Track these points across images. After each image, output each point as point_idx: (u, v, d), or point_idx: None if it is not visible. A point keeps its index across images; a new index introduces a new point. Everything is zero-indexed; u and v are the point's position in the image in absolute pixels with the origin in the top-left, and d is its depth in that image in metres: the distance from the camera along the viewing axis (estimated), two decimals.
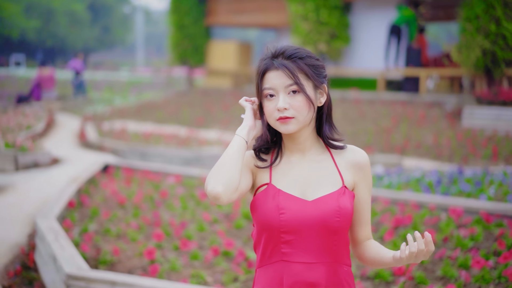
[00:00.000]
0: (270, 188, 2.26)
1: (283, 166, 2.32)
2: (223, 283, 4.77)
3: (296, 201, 2.22)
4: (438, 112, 15.96)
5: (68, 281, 4.32)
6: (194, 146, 12.96)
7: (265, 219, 2.21)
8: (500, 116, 14.28)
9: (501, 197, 7.09)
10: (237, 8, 24.02)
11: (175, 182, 8.15)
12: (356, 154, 2.35)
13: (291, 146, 2.33)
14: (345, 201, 2.23)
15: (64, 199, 6.67)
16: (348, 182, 2.30)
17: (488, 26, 15.61)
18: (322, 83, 2.29)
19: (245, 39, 49.53)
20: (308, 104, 2.22)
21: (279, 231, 2.20)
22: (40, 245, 5.52)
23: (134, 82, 35.05)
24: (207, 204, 7.00)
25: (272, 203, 2.22)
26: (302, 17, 19.68)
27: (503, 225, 5.75)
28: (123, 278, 4.31)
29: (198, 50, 24.61)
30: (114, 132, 15.02)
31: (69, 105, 22.58)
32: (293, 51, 2.25)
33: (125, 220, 6.40)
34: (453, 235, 5.57)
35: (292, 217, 2.20)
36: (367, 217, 2.37)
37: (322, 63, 2.31)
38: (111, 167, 9.10)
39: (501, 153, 11.55)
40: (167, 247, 5.61)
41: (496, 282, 4.53)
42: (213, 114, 18.11)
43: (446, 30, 54.28)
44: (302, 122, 2.24)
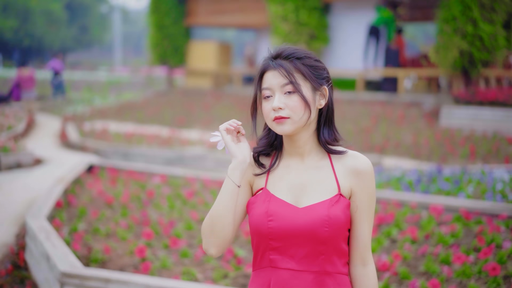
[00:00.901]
0: (264, 193, 2.25)
1: (281, 170, 2.30)
2: (214, 280, 4.90)
3: (286, 208, 2.19)
4: (416, 112, 16.19)
5: (63, 279, 4.42)
6: (176, 146, 13.05)
7: (255, 225, 2.20)
8: (477, 116, 14.54)
9: (479, 195, 7.29)
10: (217, 8, 24.13)
11: (161, 182, 8.26)
12: (356, 161, 2.25)
13: (290, 149, 2.30)
14: (337, 210, 2.16)
15: (52, 199, 6.75)
16: (345, 190, 2.23)
17: (465, 27, 15.88)
18: (321, 84, 2.23)
19: (223, 39, 49.60)
20: (304, 104, 2.18)
21: (267, 238, 2.18)
22: (31, 244, 5.60)
23: (112, 82, 34.97)
24: (194, 203, 7.12)
25: (262, 209, 2.20)
26: (282, 17, 19.84)
27: (482, 222, 5.93)
28: (117, 275, 4.42)
29: (178, 50, 24.68)
30: (96, 132, 15.05)
31: (49, 105, 22.51)
32: (291, 51, 2.23)
33: (113, 220, 6.50)
34: (434, 232, 5.74)
35: (280, 224, 2.16)
36: (363, 234, 2.25)
37: (322, 64, 2.26)
38: (96, 167, 9.17)
39: (478, 152, 11.79)
40: (157, 246, 5.73)
41: (477, 277, 4.71)
42: (194, 114, 18.20)
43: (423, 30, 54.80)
44: (298, 123, 2.19)
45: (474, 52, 15.97)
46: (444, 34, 16.41)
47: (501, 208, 6.23)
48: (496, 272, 4.59)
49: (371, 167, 2.25)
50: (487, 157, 11.47)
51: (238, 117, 16.85)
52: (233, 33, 64.14)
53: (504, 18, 16.15)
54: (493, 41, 15.98)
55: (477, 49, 15.97)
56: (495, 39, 15.99)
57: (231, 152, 2.24)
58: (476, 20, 15.81)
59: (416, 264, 5.07)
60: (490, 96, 15.11)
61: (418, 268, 4.99)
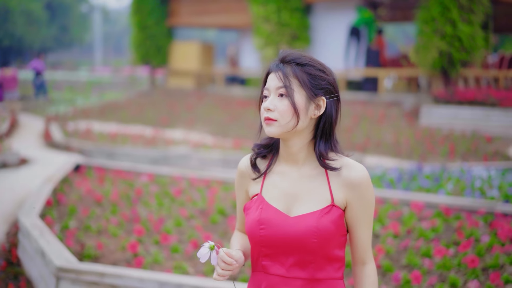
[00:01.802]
0: (258, 199, 2.28)
1: (276, 177, 2.30)
2: (204, 273, 5.08)
3: (277, 216, 2.21)
4: (397, 111, 16.44)
5: (59, 274, 4.57)
6: (160, 145, 13.18)
7: (249, 231, 2.24)
8: (456, 115, 14.81)
9: (458, 192, 7.51)
10: (199, 9, 24.27)
11: (148, 180, 8.41)
12: (351, 172, 2.21)
13: (285, 155, 2.29)
14: (327, 221, 2.16)
15: (42, 197, 6.88)
16: (338, 201, 2.21)
17: (444, 28, 16.17)
18: (317, 95, 2.20)
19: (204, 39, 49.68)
20: (292, 110, 2.16)
21: (259, 245, 2.22)
22: (24, 241, 5.74)
23: (94, 82, 34.96)
24: (182, 201, 7.28)
25: (255, 216, 2.23)
26: (264, 18, 20.03)
27: (462, 218, 6.15)
28: (112, 269, 4.58)
29: (160, 50, 24.81)
30: (79, 132, 15.12)
31: (31, 105, 22.53)
32: (295, 56, 2.23)
33: (104, 217, 6.65)
34: (415, 227, 5.95)
35: (271, 233, 2.19)
36: (361, 239, 2.27)
37: (326, 75, 2.23)
38: (83, 166, 9.30)
39: (458, 151, 12.04)
40: (148, 242, 5.89)
41: (457, 269, 4.92)
42: (177, 114, 18.33)
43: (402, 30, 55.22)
44: (284, 127, 2.17)
45: (453, 52, 16.27)
46: (423, 34, 16.69)
47: (480, 204, 6.46)
48: (475, 264, 4.81)
49: (366, 177, 2.22)
50: (466, 156, 11.72)
51: (221, 117, 17.02)
52: (214, 33, 64.22)
53: (482, 19, 16.47)
54: (472, 42, 16.28)
55: (456, 49, 16.26)
56: (473, 40, 16.29)
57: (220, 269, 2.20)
58: (455, 21, 16.11)
59: (399, 258, 5.27)
60: (469, 95, 15.38)
61: (400, 261, 5.19)
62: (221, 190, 7.77)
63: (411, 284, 4.62)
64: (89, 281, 4.52)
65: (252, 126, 15.76)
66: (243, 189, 2.39)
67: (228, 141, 13.99)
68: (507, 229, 5.57)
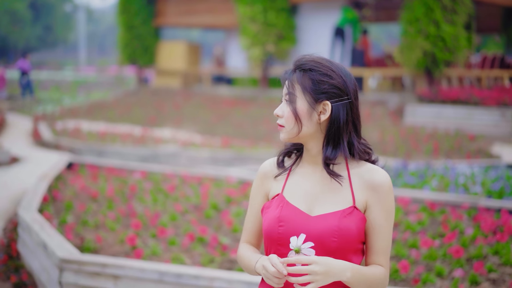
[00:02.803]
0: (279, 198, 2.26)
1: (298, 177, 2.29)
2: (202, 264, 5.28)
3: (298, 215, 2.19)
4: (381, 110, 16.70)
5: (62, 265, 4.74)
6: (149, 144, 13.35)
7: (266, 229, 2.22)
8: (440, 114, 15.11)
9: (443, 188, 7.76)
10: (186, 9, 24.44)
11: (141, 177, 8.59)
12: (373, 175, 2.20)
13: (307, 157, 2.29)
14: (349, 222, 2.14)
15: (39, 194, 7.04)
16: (359, 203, 2.19)
17: (428, 29, 16.47)
18: (318, 99, 2.17)
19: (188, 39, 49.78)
20: (294, 116, 2.18)
21: (276, 243, 2.19)
22: (24, 235, 5.91)
23: (79, 81, 35.02)
24: (176, 196, 7.48)
25: (275, 214, 2.21)
26: (250, 18, 20.25)
27: (446, 212, 6.40)
28: (113, 260, 4.77)
29: (147, 50, 24.97)
30: (68, 131, 15.25)
31: (17, 105, 22.62)
32: (301, 62, 2.23)
33: (100, 212, 6.83)
34: (402, 221, 6.19)
35: (290, 231, 2.17)
36: (380, 245, 2.20)
37: (330, 79, 2.19)
38: (76, 164, 9.46)
39: (441, 149, 12.32)
40: (145, 235, 6.09)
41: (442, 259, 5.16)
42: (165, 113, 18.50)
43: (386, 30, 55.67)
44: (290, 133, 2.21)
45: (437, 52, 16.57)
46: (408, 35, 16.98)
47: (464, 199, 6.71)
48: (460, 255, 5.05)
49: (389, 182, 2.20)
50: (449, 153, 11.99)
51: (209, 116, 17.21)
52: (198, 33, 64.32)
53: (465, 19, 16.79)
54: (455, 42, 16.60)
55: (439, 49, 16.57)
56: (456, 40, 16.61)
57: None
58: (439, 22, 16.41)
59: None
60: (452, 95, 15.68)
61: None
62: (213, 186, 7.97)
63: (400, 273, 4.85)
64: (91, 271, 4.70)
65: (239, 125, 15.96)
66: (263, 192, 2.37)
67: (216, 139, 14.18)
68: (490, 222, 5.82)
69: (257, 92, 20.68)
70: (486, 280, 4.71)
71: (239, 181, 8.21)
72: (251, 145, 13.09)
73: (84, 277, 4.74)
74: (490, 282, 4.69)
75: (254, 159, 11.47)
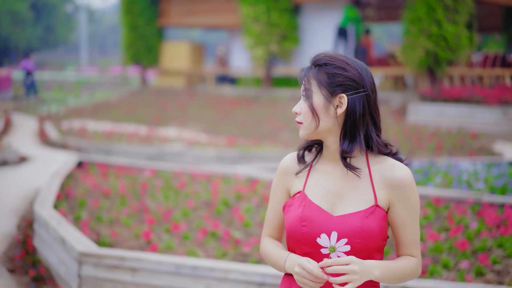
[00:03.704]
0: (301, 197, 2.25)
1: (319, 175, 2.28)
2: (216, 257, 5.46)
3: (320, 214, 2.18)
4: (384, 109, 16.84)
5: (81, 258, 4.92)
6: (155, 143, 13.51)
7: (289, 228, 2.21)
8: (442, 112, 15.26)
9: (447, 185, 7.94)
10: (189, 9, 24.62)
11: (151, 175, 8.76)
12: (395, 172, 2.19)
13: (327, 155, 2.28)
14: (371, 222, 2.13)
15: (53, 191, 7.21)
16: (382, 201, 2.18)
17: (430, 28, 16.64)
18: (333, 92, 2.17)
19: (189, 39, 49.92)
20: (311, 111, 2.18)
21: (300, 242, 2.19)
22: (41, 231, 6.08)
23: (82, 81, 35.17)
24: (187, 193, 7.66)
25: (297, 213, 2.21)
26: (254, 18, 20.43)
27: (451, 207, 6.57)
28: (131, 253, 4.94)
29: (151, 50, 25.15)
30: (74, 131, 15.39)
31: (22, 105, 22.76)
32: (316, 58, 2.24)
33: (114, 209, 7.01)
34: None
35: (313, 230, 2.16)
36: (408, 239, 2.21)
37: (344, 72, 2.17)
38: (86, 163, 9.63)
39: (444, 147, 12.48)
40: (159, 230, 6.27)
41: (448, 252, 5.33)
42: (169, 112, 18.66)
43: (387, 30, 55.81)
44: (308, 129, 2.21)
45: (439, 51, 16.74)
46: (410, 34, 17.16)
47: (468, 195, 6.89)
48: (465, 247, 5.22)
49: (411, 177, 2.19)
50: (452, 151, 12.15)
51: (213, 115, 17.37)
52: (199, 33, 64.46)
53: (466, 19, 16.96)
54: (457, 41, 16.77)
55: (441, 49, 16.74)
56: (458, 39, 16.78)
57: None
58: (440, 21, 16.58)
59: (393, 242, 5.67)
60: (454, 93, 15.84)
61: None
62: (222, 183, 8.14)
63: None
64: (110, 264, 4.88)
65: (243, 125, 16.12)
66: (284, 188, 2.36)
67: (221, 138, 14.34)
68: (494, 216, 6.00)
69: (260, 91, 20.84)
70: (490, 272, 4.88)
71: (247, 178, 8.38)
72: (255, 144, 13.25)
73: (102, 270, 4.91)
74: (494, 273, 4.86)
75: (259, 157, 11.63)
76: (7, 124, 16.80)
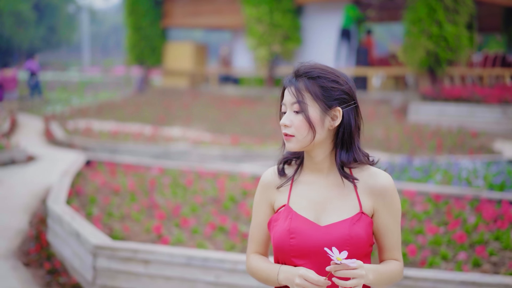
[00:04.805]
0: (286, 210, 2.28)
1: (302, 187, 2.31)
2: (225, 250, 5.69)
3: (308, 225, 2.21)
4: (386, 108, 17.07)
5: (95, 251, 5.15)
6: (161, 142, 13.73)
7: (277, 242, 2.23)
8: (443, 111, 15.48)
9: (446, 182, 8.14)
10: (193, 10, 24.84)
11: (159, 173, 9.00)
12: (377, 179, 2.27)
13: (310, 165, 2.32)
14: (359, 229, 2.19)
15: (64, 188, 7.45)
16: (366, 208, 2.25)
17: (431, 29, 16.86)
18: (331, 106, 2.22)
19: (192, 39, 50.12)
20: (308, 125, 2.19)
21: (289, 255, 2.21)
22: (55, 226, 6.31)
23: (86, 82, 35.41)
24: (195, 189, 7.90)
25: (284, 226, 2.23)
26: (257, 19, 20.66)
27: (450, 203, 6.79)
28: (144, 246, 5.18)
29: (155, 51, 25.38)
30: (80, 130, 15.62)
31: (27, 105, 22.99)
32: (306, 69, 2.27)
33: (124, 205, 7.26)
34: (409, 210, 6.60)
35: (302, 242, 2.19)
36: (391, 243, 2.29)
37: (340, 85, 2.24)
38: (94, 162, 9.86)
39: (445, 145, 12.70)
40: (169, 225, 6.51)
41: (447, 244, 5.56)
42: (173, 112, 18.89)
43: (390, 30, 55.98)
44: (302, 142, 2.22)
45: (440, 52, 16.96)
46: (411, 35, 17.38)
47: (467, 192, 7.11)
48: (463, 240, 5.45)
49: (392, 184, 2.27)
50: (452, 150, 12.36)
51: (217, 115, 17.59)
52: (202, 33, 64.64)
53: (466, 19, 17.18)
54: (457, 42, 17.00)
55: (442, 49, 16.96)
56: (458, 40, 17.01)
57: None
58: (441, 22, 16.81)
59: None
60: (455, 93, 16.05)
61: None
62: (228, 180, 8.37)
63: (408, 257, 5.25)
64: (123, 257, 5.11)
65: (247, 124, 16.34)
66: (267, 203, 2.38)
67: (225, 137, 14.57)
68: (492, 211, 6.22)
69: (263, 91, 21.06)
70: (487, 263, 5.11)
71: (252, 176, 8.60)
72: (259, 143, 13.47)
73: (116, 262, 5.14)
74: (491, 264, 5.09)
75: (263, 156, 11.85)
76: (13, 124, 17.02)
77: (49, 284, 5.69)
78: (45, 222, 7.05)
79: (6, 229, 7.29)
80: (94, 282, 5.20)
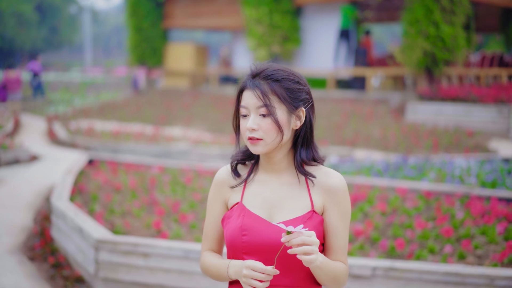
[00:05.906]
0: (239, 207, 2.29)
1: (256, 185, 2.32)
2: None
3: (260, 223, 2.23)
4: (383, 108, 17.28)
5: (98, 245, 5.38)
6: (162, 142, 13.96)
7: (230, 239, 2.25)
8: (440, 111, 15.68)
9: (440, 180, 8.35)
10: (193, 11, 25.09)
11: (159, 172, 9.23)
12: (329, 179, 2.28)
13: (266, 165, 2.32)
14: (310, 227, 2.20)
15: (67, 186, 7.69)
16: (317, 207, 2.26)
17: (428, 29, 17.09)
18: (297, 107, 2.25)
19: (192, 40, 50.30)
20: (277, 128, 2.20)
21: (241, 252, 2.23)
22: (59, 221, 6.55)
23: (88, 82, 35.62)
24: (194, 187, 8.14)
25: (237, 223, 2.24)
26: (256, 20, 20.91)
27: (441, 200, 7.02)
28: (144, 240, 5.41)
29: (156, 51, 25.64)
30: (82, 130, 15.84)
31: (30, 106, 23.21)
32: (270, 72, 2.24)
33: (125, 202, 7.49)
34: (400, 206, 6.82)
35: (254, 239, 2.21)
36: (338, 244, 2.28)
37: (302, 86, 2.27)
38: (96, 161, 10.10)
39: (441, 144, 12.91)
40: (168, 220, 6.74)
41: (434, 238, 5.79)
42: (174, 112, 19.12)
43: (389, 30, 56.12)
44: (271, 145, 2.22)
45: (437, 52, 17.19)
46: (408, 35, 17.61)
47: (458, 189, 7.34)
48: (450, 234, 5.68)
49: (343, 184, 2.29)
50: (448, 149, 12.57)
51: (217, 115, 17.81)
52: (202, 34, 64.83)
53: (463, 20, 17.41)
54: (454, 42, 17.23)
55: (439, 49, 17.19)
56: (455, 40, 17.24)
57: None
58: (438, 23, 17.03)
59: (385, 230, 6.13)
60: (452, 93, 16.25)
61: (386, 233, 6.05)
62: None
63: (396, 250, 5.48)
64: (124, 250, 5.34)
65: None
66: (221, 200, 2.39)
67: (225, 137, 14.79)
68: (480, 207, 6.45)
69: None
70: (472, 255, 5.34)
71: None
72: None
73: (117, 255, 5.37)
74: (475, 257, 5.32)
75: None
76: (16, 124, 17.24)
77: (53, 277, 5.93)
78: (49, 218, 7.28)
79: (11, 226, 7.53)
80: (96, 274, 5.44)
